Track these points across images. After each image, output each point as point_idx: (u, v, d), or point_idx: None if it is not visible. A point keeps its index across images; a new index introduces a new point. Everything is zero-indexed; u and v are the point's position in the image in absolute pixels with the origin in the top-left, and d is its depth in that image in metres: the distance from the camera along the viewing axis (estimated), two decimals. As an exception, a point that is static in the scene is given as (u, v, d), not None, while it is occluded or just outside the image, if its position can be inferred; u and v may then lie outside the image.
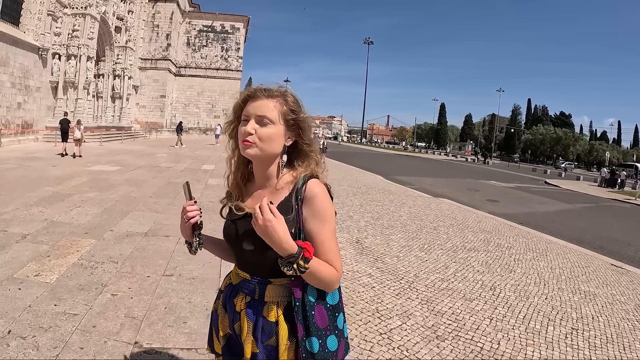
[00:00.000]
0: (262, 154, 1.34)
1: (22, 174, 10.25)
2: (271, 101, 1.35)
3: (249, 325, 1.37)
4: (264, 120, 1.32)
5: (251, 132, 1.31)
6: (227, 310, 1.47)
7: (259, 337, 1.35)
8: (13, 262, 4.22)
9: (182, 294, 3.82)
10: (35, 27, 20.35)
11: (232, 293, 1.46)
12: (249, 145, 1.32)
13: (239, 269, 1.45)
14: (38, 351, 2.69)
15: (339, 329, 1.39)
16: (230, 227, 1.44)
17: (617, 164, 52.08)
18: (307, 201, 1.33)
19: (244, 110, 1.37)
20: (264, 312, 1.36)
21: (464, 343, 3.38)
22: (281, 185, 1.40)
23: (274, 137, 1.34)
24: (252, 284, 1.39)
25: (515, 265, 5.87)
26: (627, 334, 3.91)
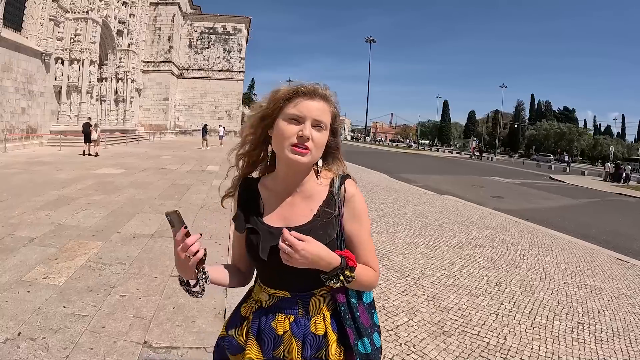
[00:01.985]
0: (313, 161, 1.24)
1: (27, 178, 10.33)
2: (326, 105, 1.25)
3: (298, 346, 1.26)
4: (321, 124, 1.21)
5: (310, 136, 1.18)
6: (264, 338, 1.29)
7: (308, 354, 1.27)
8: (21, 266, 4.27)
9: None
10: (38, 33, 20.51)
11: (267, 318, 1.30)
12: (304, 152, 1.18)
13: (273, 288, 1.31)
14: (48, 352, 2.72)
15: (377, 325, 1.39)
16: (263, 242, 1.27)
17: (621, 158, 51.82)
18: (347, 202, 1.30)
19: (296, 106, 1.21)
20: (311, 327, 1.28)
21: (470, 338, 3.39)
22: (315, 187, 1.32)
23: (325, 142, 1.25)
24: (294, 301, 1.29)
25: (520, 261, 5.87)
26: (633, 328, 3.91)
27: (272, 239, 1.25)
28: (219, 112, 43.24)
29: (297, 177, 1.29)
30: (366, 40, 68.86)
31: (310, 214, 1.28)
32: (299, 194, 1.31)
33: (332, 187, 1.30)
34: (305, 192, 1.31)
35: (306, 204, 1.29)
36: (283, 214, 1.30)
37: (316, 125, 1.20)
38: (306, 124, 1.19)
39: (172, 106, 40.51)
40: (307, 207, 1.29)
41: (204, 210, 7.59)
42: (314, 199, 1.29)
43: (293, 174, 1.29)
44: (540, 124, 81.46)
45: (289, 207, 1.30)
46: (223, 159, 19.48)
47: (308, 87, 1.23)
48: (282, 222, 1.28)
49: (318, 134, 1.20)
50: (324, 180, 1.32)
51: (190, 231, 1.14)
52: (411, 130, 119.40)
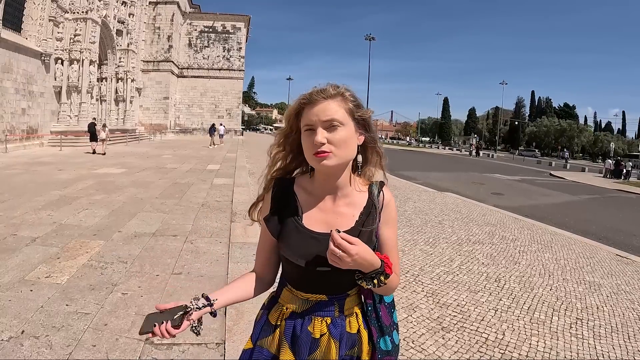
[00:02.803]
0: (341, 162, 1.20)
1: (29, 178, 10.36)
2: (332, 102, 1.20)
3: (336, 347, 1.27)
4: (333, 123, 1.18)
5: (323, 141, 1.16)
6: (301, 343, 1.28)
7: (342, 353, 1.29)
8: (24, 265, 4.30)
9: (191, 291, 3.87)
10: (37, 33, 20.52)
11: (302, 322, 1.29)
12: (324, 156, 1.16)
13: (309, 292, 1.30)
14: (51, 350, 2.75)
15: (396, 323, 1.42)
16: (305, 246, 1.25)
17: (622, 155, 51.71)
18: (384, 208, 1.31)
19: (304, 118, 1.22)
20: (347, 327, 1.30)
21: (469, 334, 3.42)
22: (358, 190, 1.31)
23: (348, 138, 1.20)
24: (330, 303, 1.29)
25: (520, 257, 5.89)
26: (632, 324, 3.93)
27: (315, 243, 1.24)
28: (219, 110, 43.26)
29: (334, 179, 1.27)
30: (366, 37, 68.55)
31: (352, 220, 1.27)
32: (340, 199, 1.29)
33: (371, 193, 1.31)
34: (346, 197, 1.29)
35: (348, 210, 1.28)
36: (325, 219, 1.28)
37: (328, 126, 1.17)
38: (317, 131, 1.17)
39: (172, 105, 40.52)
40: (349, 212, 1.28)
41: (204, 209, 7.62)
42: (355, 205, 1.29)
43: (331, 177, 1.26)
44: (540, 121, 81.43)
45: (330, 212, 1.29)
46: (224, 157, 19.53)
47: (306, 95, 1.23)
48: (324, 227, 1.26)
49: (333, 134, 1.17)
50: (363, 187, 1.32)
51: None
52: (411, 127, 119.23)
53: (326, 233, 1.22)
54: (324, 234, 1.23)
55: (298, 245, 1.25)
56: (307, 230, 1.26)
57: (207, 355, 2.81)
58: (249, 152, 24.07)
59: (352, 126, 1.22)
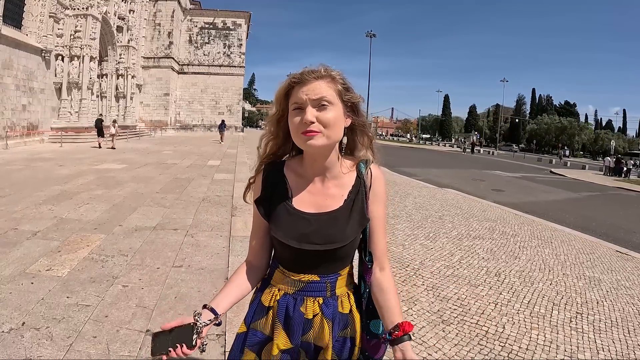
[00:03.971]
0: (328, 143, 1.20)
1: (29, 174, 10.37)
2: (322, 82, 1.20)
3: (329, 327, 1.28)
4: (322, 102, 1.17)
5: (312, 119, 1.16)
6: (293, 323, 1.28)
7: (335, 333, 1.29)
8: (25, 258, 4.31)
9: (192, 283, 3.89)
10: (38, 30, 20.47)
11: (295, 303, 1.29)
12: (313, 135, 1.16)
13: (301, 273, 1.30)
14: (52, 341, 2.76)
15: None
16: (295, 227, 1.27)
17: (622, 153, 51.67)
18: (372, 185, 1.31)
19: (293, 97, 1.21)
20: (339, 307, 1.31)
21: (469, 327, 3.43)
22: (346, 171, 1.31)
23: (337, 119, 1.20)
24: (322, 284, 1.29)
25: (520, 252, 5.90)
26: (631, 318, 3.94)
27: (305, 224, 1.26)
28: (220, 107, 43.26)
29: (322, 160, 1.27)
30: (366, 34, 68.40)
31: (341, 200, 1.28)
32: (330, 180, 1.30)
33: (359, 172, 1.31)
34: (335, 178, 1.30)
35: (337, 190, 1.29)
36: (314, 200, 1.29)
37: (318, 105, 1.17)
38: (307, 109, 1.17)
39: (172, 102, 40.53)
40: (337, 192, 1.29)
41: (205, 204, 7.62)
42: (343, 185, 1.30)
43: (318, 158, 1.26)
44: (541, 118, 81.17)
45: (319, 192, 1.30)
46: (224, 153, 19.47)
47: (297, 74, 1.22)
48: (313, 208, 1.28)
49: (322, 112, 1.17)
50: (351, 167, 1.32)
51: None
52: (412, 124, 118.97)
53: (316, 213, 1.26)
54: (314, 215, 1.26)
55: (289, 226, 1.26)
56: (298, 212, 1.27)
57: (208, 347, 2.80)
58: (249, 148, 24.06)
59: (340, 107, 1.22)
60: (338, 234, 1.24)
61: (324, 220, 1.26)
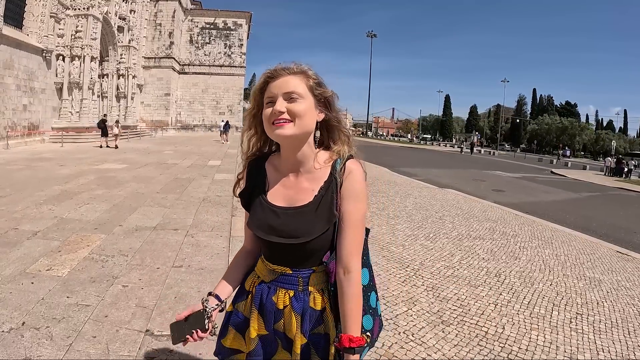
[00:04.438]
0: (299, 132, 1.24)
1: (30, 174, 10.38)
2: (294, 77, 1.26)
3: (297, 320, 1.30)
4: (293, 95, 1.23)
5: (282, 110, 1.22)
6: (266, 310, 1.34)
7: (307, 329, 1.31)
8: (25, 258, 4.31)
9: (192, 284, 3.90)
10: (39, 30, 20.48)
11: (268, 291, 1.35)
12: (282, 125, 1.22)
13: (275, 264, 1.34)
14: (52, 341, 2.76)
15: (372, 307, 1.41)
16: (264, 219, 1.32)
17: (623, 153, 51.64)
18: (345, 181, 1.28)
19: (267, 92, 1.28)
20: (310, 302, 1.31)
21: (469, 328, 3.43)
22: (319, 166, 1.32)
23: (307, 111, 1.25)
24: (294, 277, 1.32)
25: (520, 253, 5.89)
26: (632, 319, 3.93)
27: (273, 216, 1.30)
28: (221, 107, 43.28)
29: (294, 153, 1.30)
30: (367, 34, 68.45)
31: (311, 195, 1.29)
32: (303, 175, 1.32)
33: (334, 167, 1.30)
34: (308, 173, 1.32)
35: (308, 185, 1.31)
36: (286, 194, 1.33)
37: (289, 98, 1.23)
38: (278, 100, 1.23)
39: (173, 102, 40.54)
40: (309, 187, 1.31)
41: (205, 204, 7.63)
42: (316, 180, 1.31)
43: (291, 151, 1.30)
44: (542, 119, 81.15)
45: (292, 187, 1.33)
46: (225, 153, 19.48)
47: (270, 70, 1.29)
48: (284, 202, 1.32)
49: (293, 104, 1.23)
50: (327, 162, 1.32)
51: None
52: (413, 124, 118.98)
53: (285, 207, 1.30)
54: (283, 208, 1.30)
55: (259, 217, 1.33)
56: (268, 204, 1.33)
57: (206, 346, 2.79)
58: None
59: (312, 101, 1.27)
60: (303, 229, 1.26)
61: (291, 214, 1.29)
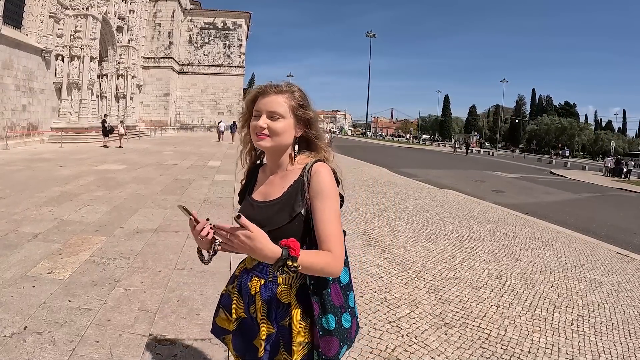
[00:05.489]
0: (274, 145, 1.44)
1: (30, 175, 10.36)
2: (280, 97, 1.43)
3: (263, 308, 1.42)
4: (275, 115, 1.41)
5: (263, 126, 1.41)
6: (243, 294, 1.51)
7: (274, 318, 1.41)
8: (26, 261, 4.29)
9: (194, 287, 3.89)
10: (38, 30, 20.42)
11: (247, 278, 1.51)
12: (262, 138, 1.42)
13: None
14: (54, 346, 2.75)
15: (351, 307, 1.47)
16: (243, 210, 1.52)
17: (622, 154, 51.70)
18: (311, 180, 1.41)
19: (256, 105, 1.46)
20: (277, 294, 1.42)
21: (471, 330, 3.43)
22: (292, 168, 1.50)
23: (285, 130, 1.43)
24: (266, 267, 1.44)
25: (521, 254, 5.90)
26: (632, 321, 3.94)
27: (250, 209, 1.50)
28: (220, 107, 43.27)
29: (274, 159, 1.51)
30: (367, 34, 68.59)
31: (281, 191, 1.46)
32: (277, 174, 1.51)
33: (304, 169, 1.45)
34: (282, 173, 1.51)
35: (281, 183, 1.48)
36: (264, 191, 1.52)
37: (271, 117, 1.41)
38: (262, 117, 1.42)
39: (172, 102, 40.51)
40: (280, 185, 1.48)
41: (206, 205, 7.63)
42: (287, 179, 1.47)
43: (269, 157, 1.53)
44: (541, 119, 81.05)
45: (268, 185, 1.52)
46: (224, 154, 19.48)
47: (261, 87, 1.48)
48: (261, 197, 1.52)
49: (273, 122, 1.41)
50: (300, 165, 1.48)
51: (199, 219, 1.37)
52: (412, 125, 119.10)
53: (260, 201, 1.50)
54: (258, 202, 1.50)
55: (242, 210, 1.53)
56: (250, 199, 1.55)
57: (211, 349, 2.81)
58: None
59: (291, 121, 1.45)
60: (267, 219, 1.40)
61: (262, 207, 1.47)
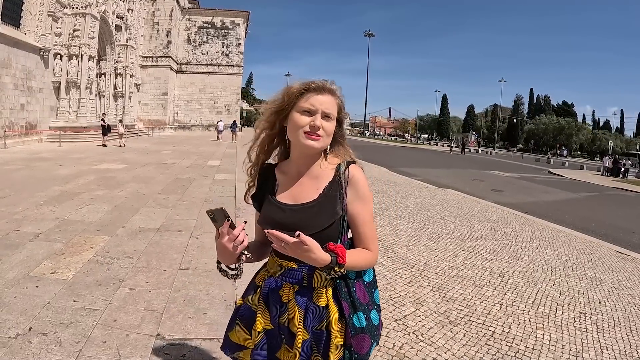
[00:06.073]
0: (323, 147, 1.42)
1: (29, 174, 10.33)
2: (331, 97, 1.41)
3: (300, 314, 1.37)
4: (329, 115, 1.39)
5: (321, 127, 1.37)
6: (270, 304, 1.43)
7: (310, 323, 1.37)
8: (28, 261, 4.27)
9: (200, 286, 3.88)
10: (36, 28, 20.32)
11: (275, 285, 1.44)
12: (315, 139, 1.37)
13: (282, 258, 1.43)
14: (61, 347, 2.72)
15: (377, 304, 1.49)
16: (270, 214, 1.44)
17: (620, 153, 51.89)
18: (351, 184, 1.41)
19: (309, 102, 1.38)
20: (314, 298, 1.39)
21: (476, 327, 3.46)
22: (322, 170, 1.46)
23: (332, 131, 1.43)
24: (299, 272, 1.40)
25: (522, 253, 5.93)
26: (634, 318, 3.98)
27: (279, 212, 1.42)
28: (218, 106, 43.19)
29: (308, 160, 1.46)
30: (365, 34, 68.61)
31: (316, 193, 1.41)
32: (308, 175, 1.46)
33: (338, 170, 1.43)
34: (313, 173, 1.46)
35: (313, 184, 1.43)
36: (293, 192, 1.45)
37: (325, 117, 1.38)
38: (317, 116, 1.36)
39: (170, 101, 40.42)
40: (314, 187, 1.43)
41: (207, 204, 7.61)
42: (320, 180, 1.44)
43: (305, 158, 1.45)
44: (539, 119, 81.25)
45: (298, 186, 1.46)
46: (223, 153, 19.43)
47: (318, 83, 1.40)
48: (291, 199, 1.44)
49: (327, 124, 1.39)
50: (331, 165, 1.46)
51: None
52: (410, 124, 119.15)
53: (290, 204, 1.42)
54: (289, 205, 1.42)
55: (267, 214, 1.44)
56: (276, 202, 1.45)
57: (220, 349, 2.80)
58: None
59: (334, 122, 1.43)
60: (303, 223, 1.35)
61: (296, 210, 1.40)
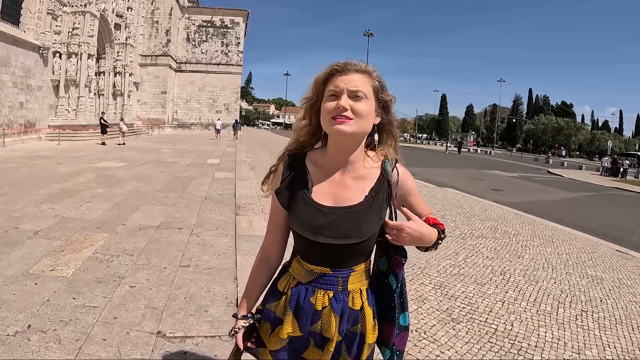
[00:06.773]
0: (357, 131, 1.22)
1: (28, 172, 10.30)
2: (361, 76, 1.25)
3: (336, 320, 1.28)
4: (359, 93, 1.21)
5: (347, 106, 1.19)
6: (301, 313, 1.31)
7: (344, 328, 1.31)
8: (27, 258, 4.24)
9: (201, 283, 3.86)
10: (36, 26, 20.29)
11: (306, 293, 1.31)
12: (343, 121, 1.19)
13: (314, 264, 1.31)
14: (60, 344, 2.70)
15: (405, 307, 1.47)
16: (311, 219, 1.27)
17: (619, 153, 51.94)
18: (402, 184, 1.37)
19: (332, 84, 1.25)
20: (349, 302, 1.30)
21: (478, 325, 3.45)
22: (369, 166, 1.33)
23: (368, 112, 1.24)
24: (334, 277, 1.30)
25: (523, 252, 5.92)
26: (635, 316, 3.98)
27: (321, 216, 1.26)
28: (217, 105, 43.15)
29: (345, 152, 1.28)
30: (364, 33, 68.40)
31: (362, 195, 1.28)
32: (350, 173, 1.30)
33: (384, 169, 1.32)
34: (356, 172, 1.31)
35: (357, 185, 1.29)
36: (334, 193, 1.29)
37: (354, 96, 1.21)
38: (342, 96, 1.20)
39: (170, 100, 40.37)
40: (358, 187, 1.29)
41: (207, 202, 7.60)
42: (365, 180, 1.30)
43: (342, 149, 1.28)
44: (538, 119, 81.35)
45: (339, 186, 1.30)
46: (223, 151, 19.40)
47: (340, 63, 1.26)
48: (332, 201, 1.28)
49: (357, 104, 1.21)
50: (375, 163, 1.33)
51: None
52: (409, 124, 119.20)
53: (333, 207, 1.27)
54: (331, 207, 1.27)
55: (305, 217, 1.27)
56: (315, 203, 1.28)
57: (221, 347, 2.79)
58: (248, 146, 24.06)
59: (373, 103, 1.26)
60: (355, 229, 1.24)
61: (341, 214, 1.26)
